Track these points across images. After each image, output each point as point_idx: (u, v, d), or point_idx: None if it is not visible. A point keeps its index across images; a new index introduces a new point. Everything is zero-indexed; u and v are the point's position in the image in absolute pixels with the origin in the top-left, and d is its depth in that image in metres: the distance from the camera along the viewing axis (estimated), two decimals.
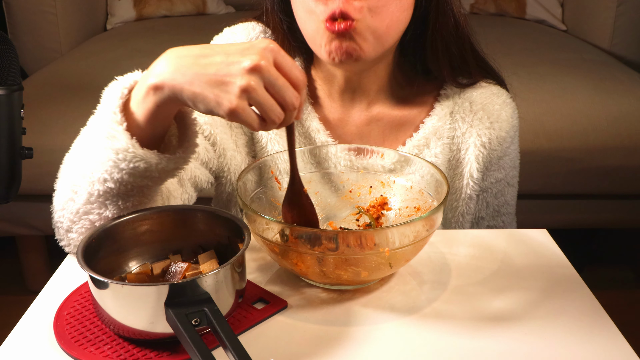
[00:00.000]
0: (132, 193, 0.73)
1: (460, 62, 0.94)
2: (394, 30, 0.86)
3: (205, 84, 0.64)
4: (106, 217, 0.74)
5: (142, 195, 0.74)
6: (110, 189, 0.71)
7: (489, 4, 2.59)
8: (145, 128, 0.69)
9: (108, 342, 0.66)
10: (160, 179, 0.73)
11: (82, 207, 0.74)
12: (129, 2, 2.57)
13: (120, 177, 0.70)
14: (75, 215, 0.75)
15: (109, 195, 0.72)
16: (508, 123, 0.97)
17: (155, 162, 0.70)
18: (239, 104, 0.63)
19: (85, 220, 0.75)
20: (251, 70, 0.62)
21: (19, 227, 1.91)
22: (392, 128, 0.98)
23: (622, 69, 2.06)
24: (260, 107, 0.64)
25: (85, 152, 0.73)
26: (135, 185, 0.72)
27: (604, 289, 1.26)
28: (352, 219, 0.88)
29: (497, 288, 0.77)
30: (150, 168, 0.70)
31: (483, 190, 1.00)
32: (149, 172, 0.70)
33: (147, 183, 0.72)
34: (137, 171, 0.70)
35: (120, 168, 0.69)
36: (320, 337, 0.68)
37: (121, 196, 0.73)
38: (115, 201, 0.73)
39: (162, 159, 0.70)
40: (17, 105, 0.76)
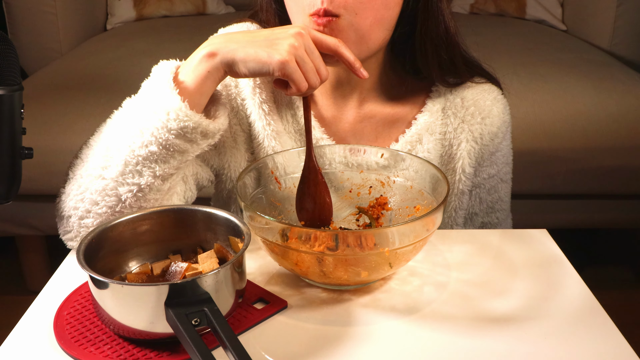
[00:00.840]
0: (171, 160, 0.79)
1: (450, 66, 0.95)
2: (379, 29, 0.86)
3: (257, 46, 0.76)
4: (138, 186, 0.79)
5: (177, 163, 0.80)
6: (152, 152, 0.78)
7: (489, 4, 2.59)
8: (194, 94, 0.78)
9: (108, 342, 0.66)
10: (199, 146, 0.81)
11: (111, 181, 0.79)
12: (129, 2, 2.57)
13: (166, 139, 0.77)
14: (101, 193, 0.79)
15: (149, 161, 0.78)
16: (499, 119, 0.98)
17: (204, 123, 0.78)
18: (289, 57, 0.75)
19: (112, 197, 0.79)
20: (296, 35, 0.77)
21: (19, 227, 1.91)
22: (384, 125, 0.98)
23: (622, 69, 2.06)
24: (303, 66, 0.76)
25: (124, 126, 0.80)
26: (177, 149, 0.79)
27: (604, 289, 1.26)
28: (352, 219, 0.88)
29: (497, 288, 0.77)
30: (197, 129, 0.78)
31: (476, 186, 1.00)
32: (194, 135, 0.78)
33: (188, 147, 0.79)
34: (184, 132, 0.77)
35: (169, 128, 0.77)
36: (320, 337, 0.68)
37: (159, 161, 0.79)
38: (152, 167, 0.79)
39: (208, 122, 0.79)
40: (17, 105, 0.76)
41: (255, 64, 0.76)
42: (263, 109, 0.96)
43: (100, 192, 0.79)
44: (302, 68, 0.76)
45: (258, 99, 0.96)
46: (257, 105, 0.96)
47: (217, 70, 0.78)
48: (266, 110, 0.96)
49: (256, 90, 0.96)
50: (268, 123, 0.96)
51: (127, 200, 0.79)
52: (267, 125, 0.96)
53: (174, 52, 1.79)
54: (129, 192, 0.79)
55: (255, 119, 0.96)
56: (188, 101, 0.77)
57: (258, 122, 0.96)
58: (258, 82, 0.96)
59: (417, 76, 0.98)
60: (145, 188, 0.79)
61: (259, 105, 0.96)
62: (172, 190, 0.84)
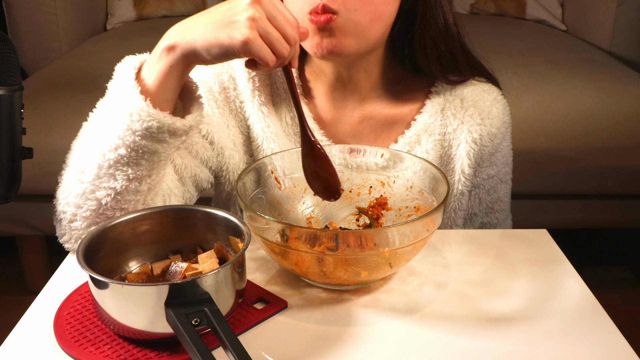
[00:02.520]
0: (142, 161, 0.76)
1: (450, 61, 0.95)
2: (378, 24, 0.86)
3: (215, 29, 0.70)
4: (115, 190, 0.76)
5: (151, 164, 0.77)
6: (122, 156, 0.75)
7: (489, 4, 2.59)
8: (157, 92, 0.74)
9: (108, 342, 0.66)
10: (170, 145, 0.77)
11: (89, 185, 0.77)
12: (129, 2, 2.57)
13: (132, 140, 0.74)
14: (82, 197, 0.78)
15: (119, 164, 0.75)
16: (499, 119, 0.97)
17: (169, 122, 0.74)
18: (250, 34, 0.69)
19: (92, 201, 0.77)
20: (252, 3, 0.70)
21: (19, 227, 1.91)
22: (384, 126, 0.98)
23: (622, 69, 2.06)
24: (268, 37, 0.70)
25: (96, 129, 0.78)
26: (146, 150, 0.75)
27: (604, 289, 1.26)
28: (352, 219, 0.88)
29: (497, 288, 0.77)
30: (162, 129, 0.74)
31: (475, 187, 1.00)
32: (161, 135, 0.74)
33: (158, 148, 0.76)
34: (149, 132, 0.73)
35: (134, 130, 0.73)
36: (320, 337, 0.68)
37: (131, 164, 0.76)
38: (125, 170, 0.76)
39: (174, 120, 0.74)
40: (17, 105, 0.76)
41: (219, 49, 0.71)
42: (262, 111, 0.96)
43: (81, 195, 0.78)
44: (267, 40, 0.70)
45: (257, 101, 0.96)
46: (256, 108, 0.96)
47: (179, 63, 0.73)
48: (265, 112, 0.96)
49: (255, 93, 0.96)
50: (267, 125, 0.96)
51: (108, 204, 0.77)
52: (266, 127, 0.96)
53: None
54: (107, 196, 0.77)
55: (254, 121, 0.96)
56: (151, 99, 0.74)
57: (257, 124, 0.96)
58: (257, 85, 0.96)
59: (417, 74, 0.98)
60: (122, 191, 0.77)
61: (258, 108, 0.96)
62: (153, 190, 0.81)
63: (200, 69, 0.97)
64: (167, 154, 0.78)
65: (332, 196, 0.83)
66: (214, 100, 0.96)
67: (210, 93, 0.96)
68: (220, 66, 0.97)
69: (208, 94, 0.96)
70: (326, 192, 0.83)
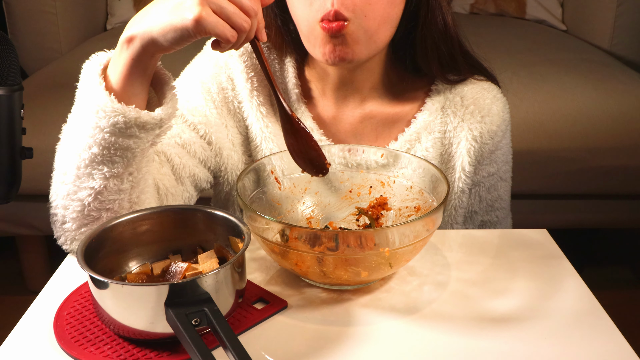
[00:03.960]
0: (117, 158, 0.75)
1: (450, 61, 0.95)
2: (385, 28, 0.87)
3: (167, 13, 0.68)
4: (95, 190, 0.75)
5: (126, 160, 0.76)
6: (95, 154, 0.74)
7: (489, 4, 2.59)
8: (123, 86, 0.73)
9: (108, 342, 0.66)
10: (142, 140, 0.75)
11: (71, 186, 0.77)
12: (129, 2, 2.56)
13: (102, 138, 0.73)
14: (67, 198, 0.77)
15: (94, 163, 0.75)
16: (499, 117, 0.98)
17: (134, 115, 0.72)
18: (201, 10, 0.66)
19: (75, 202, 0.77)
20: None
21: (19, 227, 1.91)
22: (384, 124, 0.99)
23: (622, 69, 2.06)
24: (223, 12, 0.67)
25: (72, 130, 0.77)
26: (119, 147, 0.74)
27: (604, 289, 1.26)
28: (352, 219, 0.88)
29: (497, 288, 0.77)
30: (129, 123, 0.72)
31: (475, 185, 1.00)
32: (130, 130, 0.73)
33: (130, 144, 0.74)
34: (117, 127, 0.72)
35: (102, 127, 0.72)
36: (320, 337, 0.68)
37: (106, 162, 0.75)
38: (100, 169, 0.75)
39: (139, 113, 0.72)
40: (17, 105, 0.76)
41: (174, 33, 0.68)
42: (261, 112, 0.96)
43: (66, 197, 0.78)
44: (222, 16, 0.67)
45: (255, 101, 0.96)
46: (254, 108, 0.96)
47: (140, 54, 0.71)
48: (264, 112, 0.96)
49: (253, 93, 0.96)
50: (266, 125, 0.96)
51: (90, 204, 0.77)
52: (264, 127, 0.96)
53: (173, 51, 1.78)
54: (89, 197, 0.76)
55: (253, 121, 0.97)
56: (117, 94, 0.72)
57: (255, 125, 0.96)
58: (255, 85, 0.96)
59: (418, 74, 0.98)
60: (102, 190, 0.76)
61: (257, 108, 0.96)
62: (137, 187, 0.79)
63: (199, 69, 0.97)
64: (141, 149, 0.76)
65: (320, 171, 0.83)
66: (212, 101, 0.96)
67: (208, 94, 0.96)
68: (218, 67, 0.97)
69: (206, 94, 0.96)
70: (312, 168, 0.83)
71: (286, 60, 0.98)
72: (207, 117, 0.94)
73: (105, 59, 0.76)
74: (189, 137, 0.92)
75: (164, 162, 0.89)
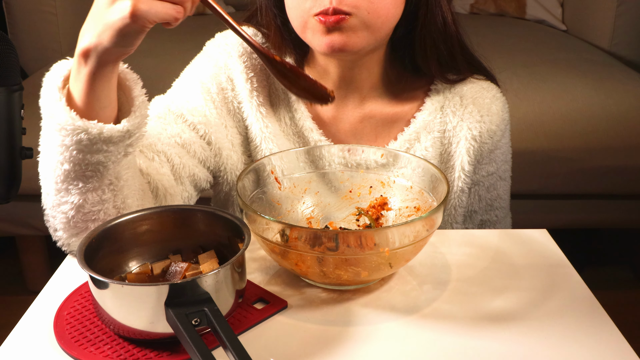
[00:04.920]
0: (89, 173, 0.73)
1: (449, 60, 0.95)
2: (387, 23, 0.87)
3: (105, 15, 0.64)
4: (75, 204, 0.74)
5: (99, 174, 0.73)
6: (67, 171, 0.72)
7: (489, 4, 2.59)
8: (89, 101, 0.69)
9: (108, 342, 0.66)
10: (112, 153, 0.72)
11: (54, 198, 0.75)
12: None
13: (69, 155, 0.70)
14: (52, 209, 0.77)
15: (69, 179, 0.73)
16: (498, 116, 0.98)
17: (97, 132, 0.69)
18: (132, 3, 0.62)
19: (59, 214, 0.76)
20: None
21: (19, 227, 1.91)
22: (384, 124, 0.99)
23: (622, 69, 2.06)
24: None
25: (43, 145, 0.74)
26: (89, 162, 0.71)
27: (604, 289, 1.26)
28: (352, 219, 0.88)
29: (497, 288, 0.77)
30: (93, 139, 0.69)
31: (475, 184, 1.00)
32: (95, 145, 0.69)
33: (100, 159, 0.71)
34: (82, 145, 0.69)
35: (67, 145, 0.69)
36: (320, 337, 0.68)
37: (79, 178, 0.73)
38: (75, 184, 0.73)
39: (102, 128, 0.69)
40: (17, 105, 0.76)
41: (118, 36, 0.64)
42: (260, 112, 0.96)
43: (51, 208, 0.77)
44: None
45: (255, 101, 0.96)
46: (254, 108, 0.96)
47: (100, 66, 0.68)
48: (264, 112, 0.96)
49: (253, 94, 0.96)
50: (266, 125, 0.96)
51: (75, 217, 0.76)
52: (264, 128, 0.96)
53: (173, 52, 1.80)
54: (71, 210, 0.75)
55: (253, 122, 0.97)
56: (82, 110, 0.69)
57: (255, 125, 0.96)
58: (255, 85, 0.96)
59: (417, 73, 0.98)
60: (83, 204, 0.75)
61: (257, 108, 0.96)
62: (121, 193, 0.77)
63: (199, 70, 0.98)
64: (113, 161, 0.73)
65: (325, 100, 0.79)
66: (211, 101, 0.96)
67: (208, 94, 0.96)
68: (218, 67, 0.97)
69: (206, 94, 0.96)
70: (317, 98, 0.79)
71: (286, 60, 0.98)
72: (206, 117, 0.94)
73: (66, 70, 0.71)
74: (188, 137, 0.92)
75: (163, 162, 0.89)
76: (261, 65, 0.98)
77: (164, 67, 1.80)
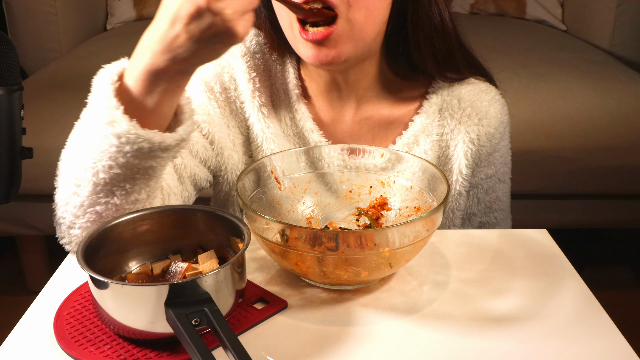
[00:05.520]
0: (139, 176, 0.74)
1: (447, 57, 0.94)
2: (372, 20, 0.86)
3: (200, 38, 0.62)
4: (114, 204, 0.75)
5: (147, 177, 0.75)
6: (117, 174, 0.72)
7: (489, 4, 2.59)
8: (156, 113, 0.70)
9: (108, 342, 0.66)
10: (164, 159, 0.74)
11: (87, 199, 0.75)
12: (129, 2, 2.57)
13: (125, 162, 0.71)
14: (80, 209, 0.76)
15: (116, 182, 0.73)
16: (497, 119, 0.97)
17: (159, 140, 0.70)
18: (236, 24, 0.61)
19: (91, 214, 0.76)
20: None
21: (19, 227, 1.91)
22: (381, 127, 0.99)
23: (622, 69, 2.06)
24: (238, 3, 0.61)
25: (85, 144, 0.73)
26: (141, 167, 0.72)
27: (604, 289, 1.26)
28: (352, 219, 0.88)
29: (497, 288, 0.77)
30: (154, 147, 0.70)
31: (473, 187, 1.00)
32: (153, 152, 0.71)
33: (152, 164, 0.73)
34: (141, 152, 0.70)
35: (125, 152, 0.70)
36: (320, 337, 0.68)
37: (127, 180, 0.73)
38: (122, 186, 0.74)
39: (165, 137, 0.71)
40: (17, 105, 0.76)
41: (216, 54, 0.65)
42: (262, 112, 0.96)
43: (79, 208, 0.76)
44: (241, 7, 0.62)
45: (257, 101, 0.96)
46: (256, 108, 0.96)
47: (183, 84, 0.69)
48: (265, 113, 0.96)
49: (255, 94, 0.96)
50: (267, 126, 0.96)
51: (107, 214, 0.76)
52: (266, 128, 0.96)
53: None
54: (107, 210, 0.75)
55: (254, 122, 0.97)
56: (138, 120, 0.69)
57: (257, 125, 0.96)
58: (258, 86, 0.96)
59: (415, 72, 0.98)
60: (122, 203, 0.75)
61: (258, 108, 0.96)
62: (152, 195, 0.79)
63: (202, 69, 0.97)
64: (163, 165, 0.75)
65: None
66: (215, 100, 0.96)
67: (211, 92, 0.96)
68: (221, 66, 0.97)
69: (209, 93, 0.96)
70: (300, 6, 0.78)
71: (287, 60, 0.98)
72: (210, 115, 0.94)
73: (116, 75, 0.70)
74: (192, 136, 0.92)
75: None
76: (264, 65, 0.98)
77: None
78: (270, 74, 0.98)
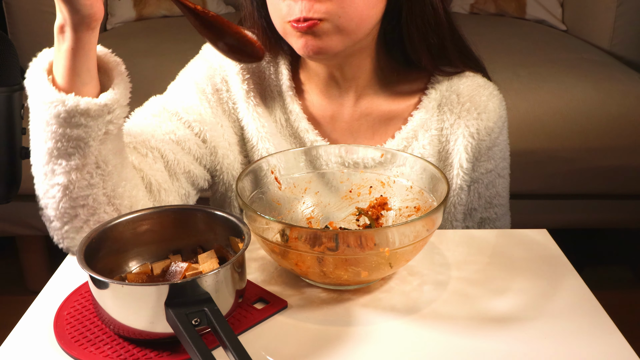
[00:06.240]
0: (71, 150, 0.74)
1: (440, 50, 0.95)
2: (363, 25, 0.87)
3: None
4: (62, 186, 0.75)
5: (82, 153, 0.74)
6: (50, 149, 0.73)
7: (489, 4, 2.59)
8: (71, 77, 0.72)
9: (108, 342, 0.66)
10: (92, 129, 0.73)
11: (42, 184, 0.76)
12: (129, 2, 2.57)
13: (51, 131, 0.72)
14: (44, 197, 0.77)
15: (53, 158, 0.74)
16: (495, 114, 0.98)
17: (73, 103, 0.71)
18: None
19: (50, 199, 0.77)
20: None
21: (19, 227, 1.91)
22: (381, 122, 0.99)
23: (622, 69, 2.06)
24: None
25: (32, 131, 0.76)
26: (69, 137, 0.73)
27: (604, 289, 1.26)
28: (352, 219, 0.88)
29: (497, 288, 0.77)
30: (71, 112, 0.71)
31: (474, 181, 1.01)
32: (74, 119, 0.72)
33: (80, 134, 0.73)
34: (61, 118, 0.71)
35: (48, 120, 0.72)
36: (320, 337, 0.68)
37: (62, 156, 0.74)
38: (59, 163, 0.74)
39: (79, 100, 0.72)
40: (17, 105, 0.76)
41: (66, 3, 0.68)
42: (257, 112, 0.97)
43: (43, 196, 0.77)
44: None
45: (252, 102, 0.97)
46: (250, 109, 0.97)
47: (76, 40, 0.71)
48: (260, 112, 0.97)
49: (250, 94, 0.97)
50: (262, 125, 0.97)
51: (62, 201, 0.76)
52: (261, 127, 0.97)
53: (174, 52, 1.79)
54: (59, 193, 0.76)
55: (249, 122, 0.97)
56: (61, 88, 0.72)
57: (252, 124, 0.97)
58: (252, 87, 0.97)
59: (411, 67, 0.98)
60: (69, 185, 0.75)
61: (253, 109, 0.97)
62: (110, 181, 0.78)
63: (194, 71, 0.98)
64: (94, 137, 0.74)
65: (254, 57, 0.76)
66: (206, 101, 0.96)
67: (203, 94, 0.97)
68: (213, 68, 0.98)
69: (201, 94, 0.96)
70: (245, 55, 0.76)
71: (280, 62, 0.99)
72: (201, 115, 0.95)
73: (51, 55, 0.75)
74: (183, 134, 0.92)
75: (157, 158, 0.89)
76: (257, 67, 0.98)
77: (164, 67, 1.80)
78: (263, 75, 0.99)
